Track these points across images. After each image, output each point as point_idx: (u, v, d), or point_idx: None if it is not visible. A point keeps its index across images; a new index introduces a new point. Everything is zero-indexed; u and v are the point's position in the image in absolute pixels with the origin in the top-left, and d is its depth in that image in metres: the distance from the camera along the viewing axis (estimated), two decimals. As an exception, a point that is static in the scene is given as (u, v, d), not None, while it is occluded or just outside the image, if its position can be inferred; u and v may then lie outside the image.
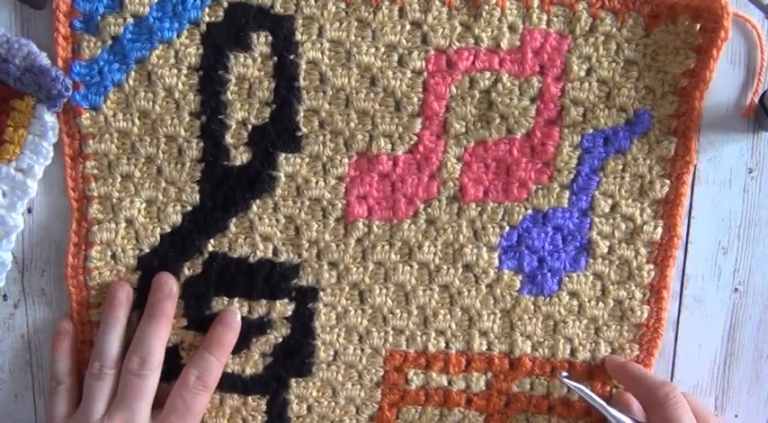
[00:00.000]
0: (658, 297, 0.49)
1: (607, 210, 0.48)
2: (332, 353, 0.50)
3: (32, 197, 0.47)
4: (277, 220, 0.48)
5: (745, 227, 0.50)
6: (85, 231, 0.48)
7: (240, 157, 0.47)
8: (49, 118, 0.46)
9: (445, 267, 0.49)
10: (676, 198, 0.48)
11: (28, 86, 0.45)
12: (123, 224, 0.48)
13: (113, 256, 0.48)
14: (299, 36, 0.46)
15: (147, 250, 0.48)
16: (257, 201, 0.48)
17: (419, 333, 0.50)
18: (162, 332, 0.47)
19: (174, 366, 0.49)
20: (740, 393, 0.52)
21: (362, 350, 0.50)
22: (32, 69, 0.44)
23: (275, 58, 0.46)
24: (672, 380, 0.51)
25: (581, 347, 0.50)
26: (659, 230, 0.48)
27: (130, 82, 0.46)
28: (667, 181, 0.48)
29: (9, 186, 0.47)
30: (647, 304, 0.49)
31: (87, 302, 0.49)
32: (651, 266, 0.49)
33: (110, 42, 0.45)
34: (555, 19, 0.46)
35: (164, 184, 0.47)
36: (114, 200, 0.48)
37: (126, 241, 0.48)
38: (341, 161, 0.47)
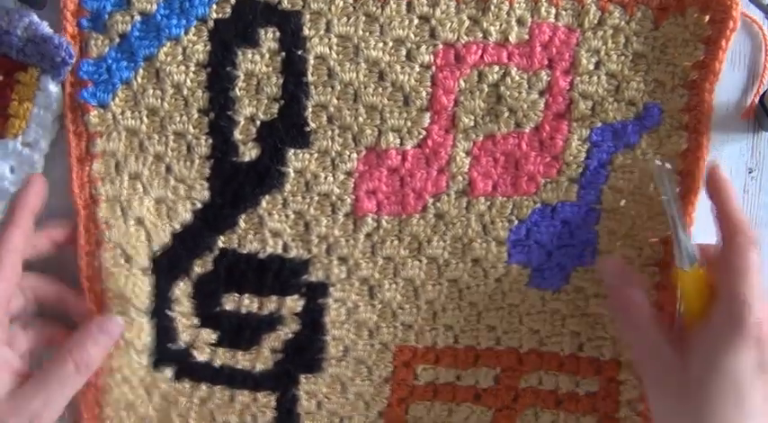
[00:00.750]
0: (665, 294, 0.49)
1: (615, 205, 0.48)
2: (341, 349, 0.50)
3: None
4: (286, 216, 0.48)
5: (746, 227, 0.50)
6: (95, 233, 0.48)
7: (249, 153, 0.47)
8: (54, 88, 0.45)
9: (454, 262, 0.49)
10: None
11: (31, 57, 0.44)
12: (133, 224, 0.48)
13: (125, 258, 0.48)
14: (306, 31, 0.45)
15: (159, 250, 0.48)
16: (266, 196, 0.48)
17: (428, 328, 0.50)
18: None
19: (186, 365, 0.49)
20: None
21: (372, 346, 0.50)
22: (35, 39, 0.44)
23: (283, 54, 0.46)
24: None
25: (588, 343, 0.50)
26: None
27: (139, 79, 0.46)
28: (677, 177, 0.47)
29: (17, 161, 0.47)
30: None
31: (102, 306, 0.48)
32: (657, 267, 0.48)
33: (117, 40, 0.45)
34: (563, 12, 0.45)
35: (173, 182, 0.47)
36: (123, 200, 0.47)
37: (137, 241, 0.48)
38: (349, 156, 0.47)
